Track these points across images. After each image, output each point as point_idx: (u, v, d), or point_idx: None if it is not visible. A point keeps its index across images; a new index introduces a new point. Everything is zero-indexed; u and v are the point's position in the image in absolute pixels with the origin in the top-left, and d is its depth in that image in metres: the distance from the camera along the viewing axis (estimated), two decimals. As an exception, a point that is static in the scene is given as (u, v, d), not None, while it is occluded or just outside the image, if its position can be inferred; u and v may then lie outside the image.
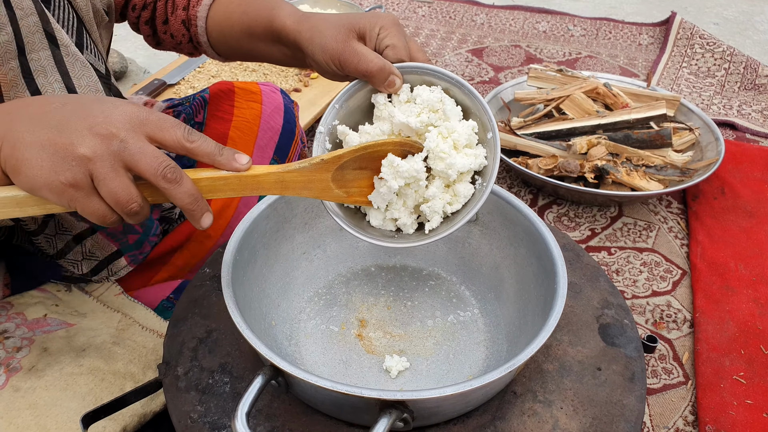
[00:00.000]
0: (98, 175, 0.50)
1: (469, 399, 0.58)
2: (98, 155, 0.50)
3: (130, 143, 0.51)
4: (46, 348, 0.77)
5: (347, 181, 0.62)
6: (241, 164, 0.56)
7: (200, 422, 0.61)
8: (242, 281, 0.66)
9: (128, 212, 0.52)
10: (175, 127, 0.54)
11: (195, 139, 0.54)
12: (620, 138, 1.36)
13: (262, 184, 0.58)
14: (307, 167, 0.59)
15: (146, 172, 0.51)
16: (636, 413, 0.62)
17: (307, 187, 0.60)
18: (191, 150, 0.54)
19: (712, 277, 1.17)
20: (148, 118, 0.53)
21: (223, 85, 1.11)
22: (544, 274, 0.66)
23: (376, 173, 0.63)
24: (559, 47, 2.08)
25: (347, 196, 0.63)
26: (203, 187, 0.55)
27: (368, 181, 0.63)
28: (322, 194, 0.61)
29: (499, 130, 1.44)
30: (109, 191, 0.51)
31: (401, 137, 0.63)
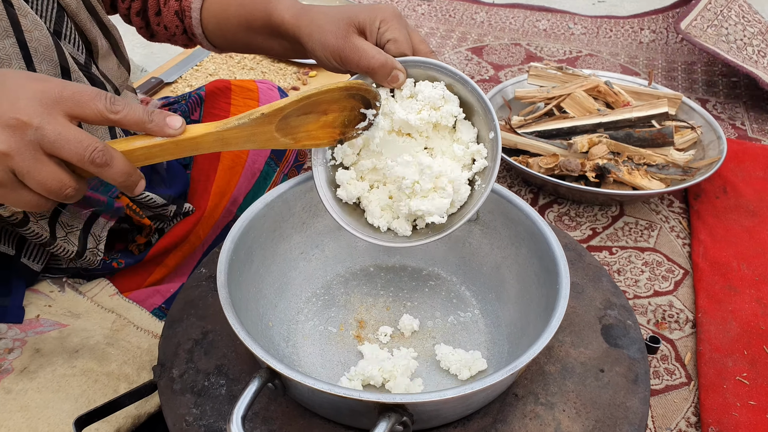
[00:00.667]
0: (20, 169, 0.47)
1: (469, 402, 0.56)
2: (14, 149, 0.46)
3: (47, 129, 0.46)
4: (39, 349, 0.76)
5: (293, 127, 0.60)
6: (174, 129, 0.52)
7: (195, 425, 0.60)
8: (238, 282, 0.65)
9: (63, 198, 0.49)
10: (95, 98, 0.49)
11: (119, 109, 0.49)
12: (621, 136, 1.35)
13: (200, 144, 0.55)
14: (247, 122, 0.56)
15: (72, 159, 0.48)
16: (640, 416, 0.61)
17: (250, 140, 0.58)
18: (117, 121, 0.50)
19: (714, 276, 1.16)
20: (62, 93, 0.48)
21: (219, 82, 1.10)
22: (546, 274, 0.65)
23: (322, 115, 0.61)
24: (560, 45, 2.07)
25: (294, 142, 0.61)
26: (139, 156, 0.53)
27: (315, 124, 0.61)
28: (266, 144, 0.59)
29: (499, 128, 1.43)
30: (36, 183, 0.48)
31: (347, 81, 0.60)
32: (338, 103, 0.61)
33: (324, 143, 0.64)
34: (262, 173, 1.07)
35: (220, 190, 1.02)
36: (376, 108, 0.63)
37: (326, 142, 0.64)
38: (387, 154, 0.66)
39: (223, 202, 1.02)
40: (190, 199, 1.00)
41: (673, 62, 1.97)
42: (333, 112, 0.62)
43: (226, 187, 1.02)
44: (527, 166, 1.36)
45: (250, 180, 1.06)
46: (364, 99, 0.63)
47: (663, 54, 2.01)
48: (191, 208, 0.98)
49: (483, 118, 0.63)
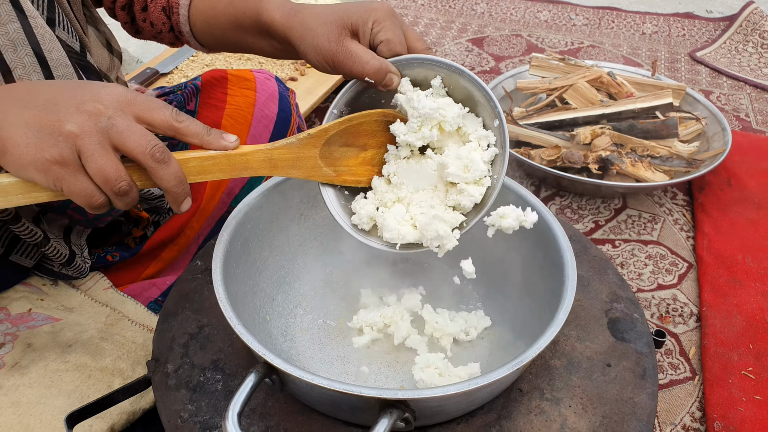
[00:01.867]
0: (85, 151, 0.49)
1: (473, 398, 0.55)
2: (85, 131, 0.49)
3: (118, 121, 0.50)
4: (31, 344, 0.74)
5: (335, 159, 0.61)
6: (229, 142, 0.56)
7: (191, 422, 0.58)
8: (234, 274, 0.63)
9: (116, 191, 0.51)
10: (164, 107, 0.53)
11: (183, 119, 0.53)
12: (625, 128, 1.33)
13: (250, 163, 0.57)
14: (295, 143, 0.58)
15: (134, 150, 0.50)
16: (648, 411, 0.59)
17: (296, 165, 0.59)
18: (179, 130, 0.53)
19: (719, 270, 1.14)
20: (136, 98, 0.52)
21: (216, 72, 1.07)
22: (552, 266, 0.63)
23: (361, 151, 0.62)
24: (561, 37, 2.05)
25: (336, 175, 0.62)
26: (192, 168, 0.55)
27: (355, 160, 0.63)
28: (311, 173, 0.61)
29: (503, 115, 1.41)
30: (97, 168, 0.50)
31: (385, 110, 0.62)
32: (376, 137, 0.62)
33: (363, 181, 0.64)
34: (259, 164, 1.05)
35: (216, 182, 1.00)
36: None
37: (365, 180, 0.64)
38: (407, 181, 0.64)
39: (218, 194, 1.00)
40: (186, 192, 0.98)
41: (677, 53, 1.94)
42: (372, 149, 0.63)
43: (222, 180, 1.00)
44: (529, 158, 1.34)
45: (246, 172, 1.04)
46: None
47: (666, 45, 1.99)
48: None
49: (486, 107, 0.61)
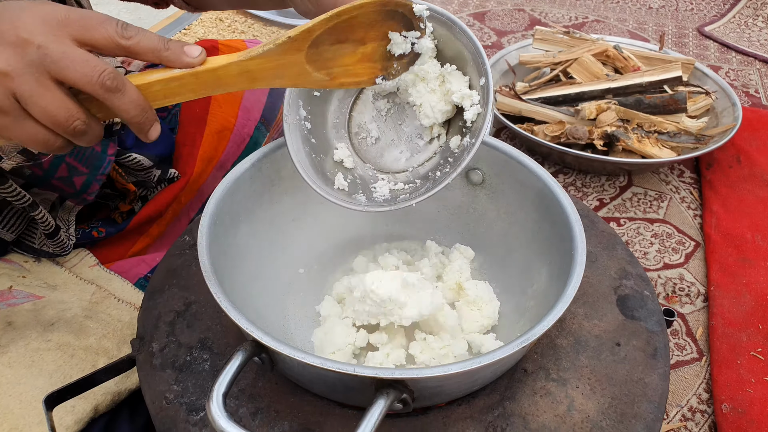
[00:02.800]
0: (22, 92, 0.42)
1: (475, 378, 0.51)
2: (14, 68, 0.41)
3: (51, 48, 0.42)
4: (11, 322, 0.71)
5: (327, 60, 0.53)
6: (192, 57, 0.47)
7: (176, 403, 0.55)
8: (223, 249, 0.59)
9: (73, 132, 0.44)
10: (105, 22, 0.44)
11: (132, 35, 0.44)
12: (631, 103, 1.29)
13: (223, 78, 0.48)
14: (273, 49, 0.49)
15: (79, 81, 0.42)
16: (660, 393, 0.56)
17: (279, 74, 0.51)
18: (129, 48, 0.44)
19: (727, 248, 1.11)
20: (68, 16, 0.43)
21: (206, 42, 1.03)
22: (559, 240, 0.60)
23: (359, 45, 0.53)
24: (565, 11, 1.99)
25: (330, 78, 0.53)
26: (156, 92, 0.47)
27: (352, 57, 0.54)
28: (298, 80, 0.52)
29: (503, 94, 1.37)
30: (41, 110, 0.43)
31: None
32: (376, 28, 0.53)
33: (364, 81, 0.56)
34: (252, 138, 1.01)
35: (207, 155, 0.96)
36: (420, 30, 0.55)
37: (366, 79, 0.56)
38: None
39: (209, 168, 0.96)
40: (175, 165, 0.94)
41: (684, 28, 1.89)
42: (371, 41, 0.54)
43: (213, 153, 0.96)
44: (532, 133, 1.30)
45: (239, 145, 1.00)
46: (405, 19, 0.54)
47: (673, 20, 1.94)
48: (176, 174, 0.92)
49: (473, 64, 0.56)
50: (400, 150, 0.63)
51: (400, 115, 0.63)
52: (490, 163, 0.69)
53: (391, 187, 0.61)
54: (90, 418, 0.66)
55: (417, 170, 0.62)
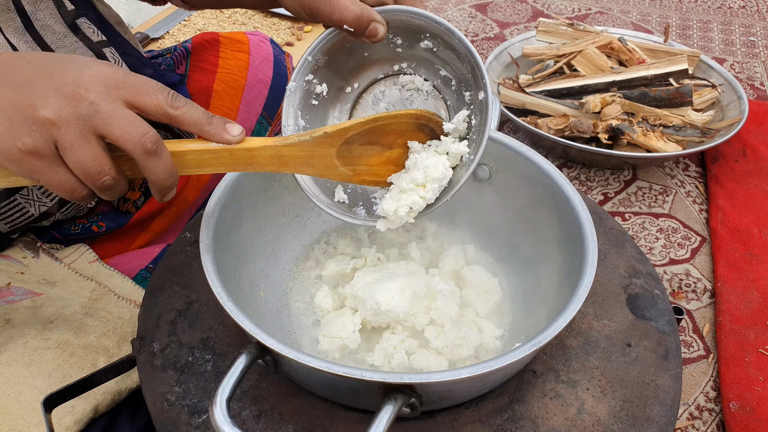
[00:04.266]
0: (63, 142, 0.44)
1: (485, 381, 0.50)
2: (63, 119, 0.43)
3: (102, 106, 0.44)
4: (9, 320, 0.70)
5: (354, 157, 0.55)
6: (233, 135, 0.49)
7: (178, 405, 0.54)
8: (225, 247, 0.58)
9: (100, 186, 0.46)
10: (157, 90, 0.47)
11: (180, 105, 0.47)
12: (636, 96, 1.27)
13: (256, 159, 0.51)
14: (309, 141, 0.52)
15: (121, 139, 0.44)
16: (672, 395, 0.55)
17: (309, 163, 0.53)
18: (175, 117, 0.47)
19: (734, 243, 1.09)
20: (125, 80, 0.46)
21: (207, 35, 1.01)
22: (569, 238, 0.58)
23: (386, 149, 0.55)
24: (568, 2, 1.97)
25: (354, 174, 0.56)
26: (189, 161, 0.49)
27: (377, 158, 0.56)
28: (325, 172, 0.54)
29: (507, 87, 1.35)
30: (76, 161, 0.44)
31: (417, 111, 0.55)
32: (405, 136, 0.56)
33: (383, 182, 0.58)
34: (253, 132, 1.00)
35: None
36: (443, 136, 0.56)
37: (385, 180, 0.58)
38: None
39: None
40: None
41: (688, 20, 1.87)
42: (398, 148, 0.56)
43: None
44: (536, 126, 1.28)
45: (241, 140, 0.98)
46: (432, 132, 0.56)
47: (677, 12, 1.92)
48: None
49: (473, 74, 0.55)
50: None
51: None
52: (497, 158, 0.67)
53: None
54: (90, 418, 0.65)
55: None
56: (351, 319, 0.60)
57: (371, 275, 0.61)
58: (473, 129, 0.56)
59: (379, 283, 0.59)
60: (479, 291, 0.64)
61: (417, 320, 0.57)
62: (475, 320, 0.62)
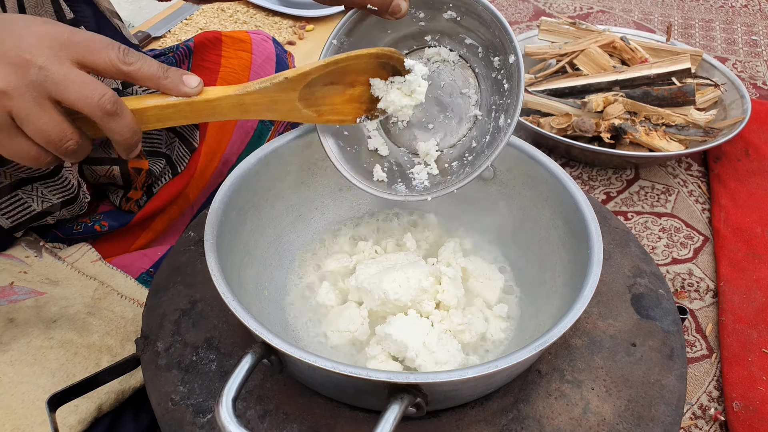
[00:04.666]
0: (18, 111, 0.42)
1: (491, 381, 0.50)
2: (14, 88, 0.41)
3: (53, 71, 0.42)
4: (12, 319, 0.70)
5: (317, 98, 0.55)
6: (190, 87, 0.48)
7: (182, 405, 0.54)
8: (229, 246, 0.58)
9: (64, 152, 0.44)
10: (108, 47, 0.45)
11: (133, 61, 0.45)
12: (639, 95, 1.27)
13: (217, 109, 0.50)
14: (269, 87, 0.52)
15: (78, 103, 0.43)
16: (677, 395, 0.55)
17: (271, 108, 0.53)
18: (129, 73, 0.45)
19: (737, 243, 1.09)
20: (72, 38, 0.44)
21: (209, 34, 1.01)
22: (573, 238, 0.58)
23: (348, 87, 0.56)
24: (570, 1, 1.97)
25: (318, 115, 0.56)
26: (150, 116, 0.48)
27: (340, 97, 0.57)
28: (288, 115, 0.55)
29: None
30: (36, 129, 0.43)
31: (378, 50, 0.55)
32: (366, 74, 0.57)
33: (348, 119, 0.59)
34: (256, 131, 0.99)
35: (211, 149, 0.94)
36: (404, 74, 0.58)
37: (351, 118, 0.59)
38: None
39: (214, 163, 0.94)
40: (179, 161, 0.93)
41: (690, 19, 1.87)
42: (360, 85, 0.57)
43: (217, 147, 0.95)
44: (538, 126, 1.28)
45: (243, 139, 0.98)
46: (394, 69, 0.57)
47: (679, 11, 1.91)
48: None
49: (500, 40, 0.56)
50: (433, 130, 0.63)
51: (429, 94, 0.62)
52: (501, 158, 0.67)
53: (429, 172, 0.61)
54: (94, 417, 0.65)
55: (451, 152, 0.62)
56: (357, 312, 0.61)
57: (373, 267, 0.62)
58: (506, 93, 0.56)
59: (384, 273, 0.59)
60: (483, 279, 0.65)
61: (423, 307, 0.58)
62: (482, 310, 0.62)
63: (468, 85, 0.61)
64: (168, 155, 0.90)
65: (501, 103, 0.57)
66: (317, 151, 0.69)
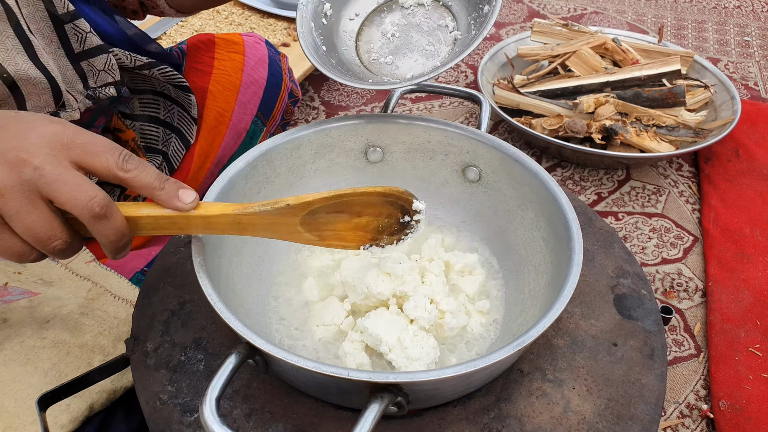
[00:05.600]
0: (8, 210, 0.42)
1: (471, 380, 0.51)
2: (6, 187, 0.42)
3: (47, 170, 0.42)
4: (6, 319, 0.70)
5: (320, 224, 0.54)
6: (184, 203, 0.48)
7: (170, 404, 0.55)
8: (218, 248, 0.59)
9: (52, 250, 0.45)
10: (108, 151, 0.45)
11: (131, 168, 0.45)
12: (630, 96, 1.28)
13: (214, 225, 0.50)
14: (270, 211, 0.51)
15: (67, 204, 0.43)
16: (656, 393, 0.56)
17: (271, 230, 0.53)
18: (126, 180, 0.46)
19: (725, 243, 1.10)
20: (74, 140, 0.44)
21: (202, 36, 1.02)
22: (556, 239, 0.59)
23: (355, 217, 0.55)
24: (564, 2, 1.98)
25: (320, 240, 0.55)
26: (145, 224, 0.48)
27: (346, 225, 0.55)
28: (289, 237, 0.54)
29: (501, 87, 1.36)
30: (24, 227, 0.43)
31: (386, 187, 0.54)
32: (373, 207, 0.55)
33: (352, 246, 0.57)
34: (248, 132, 1.00)
35: (204, 151, 0.95)
36: (411, 215, 0.56)
37: (354, 245, 0.57)
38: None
39: (207, 164, 0.95)
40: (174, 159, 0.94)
41: (683, 20, 1.88)
42: (367, 216, 0.55)
43: (209, 148, 0.96)
44: (530, 127, 1.29)
45: (235, 140, 0.99)
46: (402, 208, 0.56)
47: (672, 12, 1.92)
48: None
49: None
50: (414, 59, 0.64)
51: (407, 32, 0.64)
52: (486, 160, 0.68)
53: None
54: (85, 416, 0.66)
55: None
56: (341, 306, 0.62)
57: (358, 263, 0.63)
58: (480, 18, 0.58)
59: (367, 269, 0.60)
60: (465, 273, 0.66)
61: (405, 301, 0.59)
62: (465, 304, 0.63)
63: (443, 17, 0.62)
64: (164, 152, 0.91)
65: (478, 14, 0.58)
66: (306, 154, 0.70)
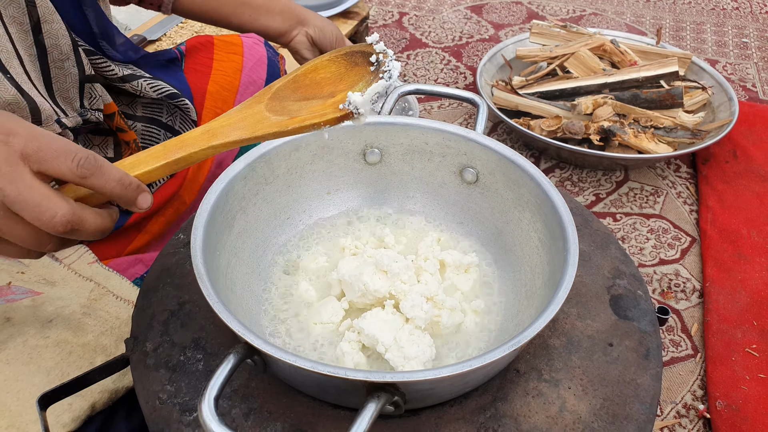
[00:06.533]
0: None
1: (467, 380, 0.51)
2: None
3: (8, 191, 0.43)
4: (9, 318, 0.71)
5: (291, 111, 0.53)
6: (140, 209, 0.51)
7: (169, 403, 0.55)
8: (217, 248, 0.59)
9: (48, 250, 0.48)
10: (62, 156, 0.44)
11: (87, 175, 0.45)
12: (628, 98, 1.29)
13: (186, 141, 0.52)
14: (234, 109, 0.53)
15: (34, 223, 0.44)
16: (651, 393, 0.56)
17: (238, 126, 0.52)
18: (84, 186, 0.46)
19: (723, 244, 1.11)
20: (25, 149, 0.44)
21: (201, 38, 1.03)
22: (552, 240, 0.60)
23: (329, 98, 0.52)
24: (563, 4, 1.98)
25: (289, 117, 0.52)
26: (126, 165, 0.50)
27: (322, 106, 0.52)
28: (257, 128, 0.52)
29: (500, 89, 1.37)
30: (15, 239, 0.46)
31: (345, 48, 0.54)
32: (345, 79, 0.53)
33: (329, 113, 0.52)
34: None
35: (204, 151, 0.96)
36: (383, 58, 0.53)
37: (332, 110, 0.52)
38: None
39: (208, 164, 0.96)
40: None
41: (681, 21, 1.89)
42: (342, 92, 0.52)
43: None
44: (529, 128, 1.29)
45: (235, 141, 1.00)
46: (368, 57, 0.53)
47: (671, 13, 1.93)
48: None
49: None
50: None
51: None
52: (483, 161, 0.69)
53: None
54: (87, 415, 0.66)
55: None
56: (339, 304, 0.63)
57: (354, 261, 0.63)
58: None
59: (364, 267, 0.61)
60: (460, 272, 0.67)
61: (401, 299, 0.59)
62: (461, 302, 0.64)
63: None
64: None
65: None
66: (305, 155, 0.71)
